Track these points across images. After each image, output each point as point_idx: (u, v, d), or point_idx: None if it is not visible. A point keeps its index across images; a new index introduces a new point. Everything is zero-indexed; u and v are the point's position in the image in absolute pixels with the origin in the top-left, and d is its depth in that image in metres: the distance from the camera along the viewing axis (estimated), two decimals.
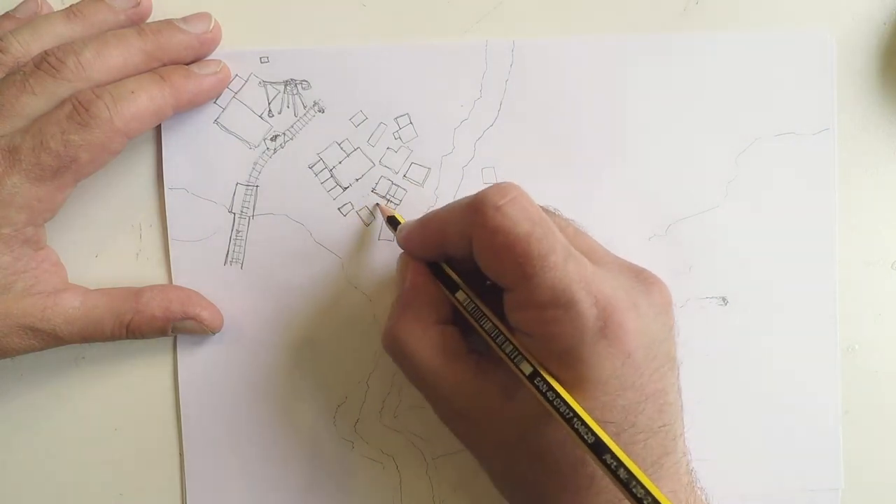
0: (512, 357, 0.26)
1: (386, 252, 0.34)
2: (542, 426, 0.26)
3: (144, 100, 0.29)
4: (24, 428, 0.34)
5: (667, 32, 0.35)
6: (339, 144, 0.34)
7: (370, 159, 0.34)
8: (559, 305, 0.25)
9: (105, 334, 0.31)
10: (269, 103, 0.34)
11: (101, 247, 0.34)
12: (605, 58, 0.34)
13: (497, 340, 0.27)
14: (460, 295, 0.28)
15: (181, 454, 0.34)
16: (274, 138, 0.34)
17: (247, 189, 0.34)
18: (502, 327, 0.27)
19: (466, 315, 0.28)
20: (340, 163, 0.34)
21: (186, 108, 0.32)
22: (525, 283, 0.25)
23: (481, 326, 0.28)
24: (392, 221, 0.32)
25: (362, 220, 0.34)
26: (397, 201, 0.34)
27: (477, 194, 0.26)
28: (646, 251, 0.34)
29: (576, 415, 0.24)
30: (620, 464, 0.23)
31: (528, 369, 0.26)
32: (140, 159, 0.34)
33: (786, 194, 0.35)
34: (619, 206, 0.34)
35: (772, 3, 0.35)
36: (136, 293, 0.32)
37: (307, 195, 0.34)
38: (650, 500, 0.22)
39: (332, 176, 0.34)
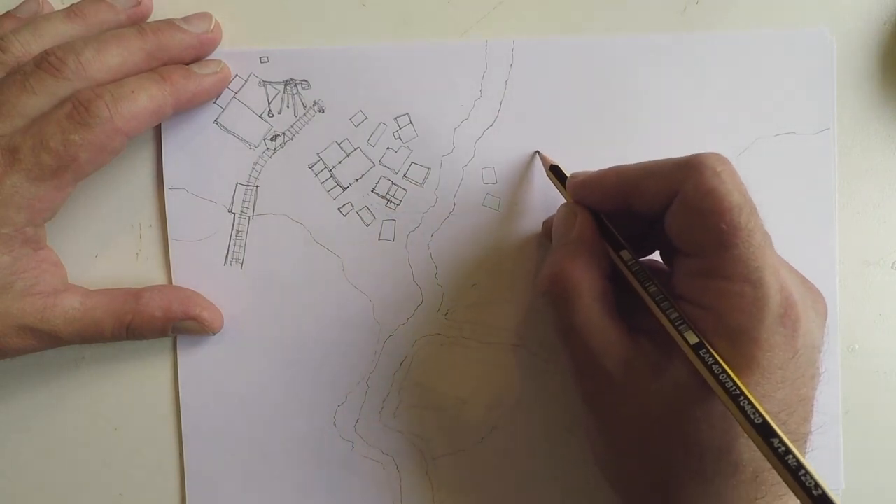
0: (677, 325, 0.25)
1: (386, 252, 0.34)
2: (692, 404, 0.25)
3: (144, 99, 0.29)
4: (24, 428, 0.34)
5: (667, 32, 0.35)
6: (339, 144, 0.34)
7: (370, 159, 0.34)
8: (749, 282, 0.24)
9: (105, 335, 0.31)
10: (269, 103, 0.34)
11: (101, 247, 0.34)
12: (606, 58, 0.34)
13: (662, 305, 0.26)
14: (625, 254, 0.28)
15: (181, 454, 0.34)
16: (274, 138, 0.34)
17: (247, 189, 0.34)
18: (667, 293, 0.27)
19: (629, 276, 0.28)
20: (340, 163, 0.34)
21: (186, 107, 0.32)
22: (721, 251, 0.25)
23: (645, 289, 0.27)
24: (555, 171, 0.32)
25: (362, 220, 0.34)
26: (397, 201, 0.34)
27: (690, 156, 0.26)
28: None
29: (742, 393, 0.23)
30: (789, 450, 0.22)
31: (693, 339, 0.25)
32: (140, 159, 0.34)
33: (786, 194, 0.35)
34: None
35: (772, 3, 0.35)
36: (136, 294, 0.32)
37: (307, 195, 0.34)
38: (820, 491, 0.21)
39: (332, 176, 0.34)
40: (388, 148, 0.34)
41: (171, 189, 0.34)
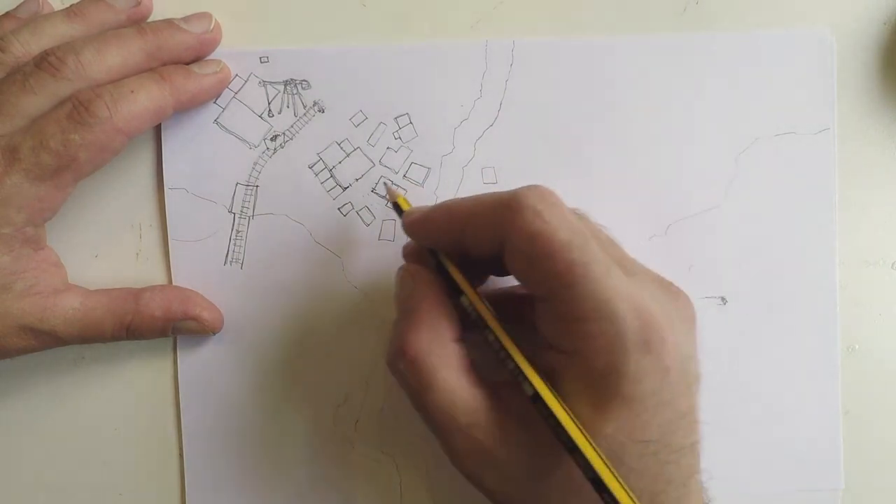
0: (516, 376, 0.24)
1: (386, 252, 0.34)
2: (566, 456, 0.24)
3: (144, 99, 0.29)
4: (24, 428, 0.34)
5: (667, 32, 0.35)
6: (339, 144, 0.34)
7: (370, 159, 0.34)
8: (601, 318, 0.23)
9: (105, 335, 0.31)
10: (269, 103, 0.34)
11: (101, 247, 0.34)
12: (606, 58, 0.34)
13: (500, 355, 0.25)
14: (465, 300, 0.26)
15: (181, 454, 0.34)
16: (274, 138, 0.34)
17: (247, 189, 0.34)
18: (506, 339, 0.25)
19: (478, 322, 0.26)
20: (340, 163, 0.34)
21: (186, 107, 0.32)
22: (564, 293, 0.24)
23: (485, 337, 0.25)
24: (397, 207, 0.30)
25: (362, 220, 0.34)
26: None
27: (511, 194, 0.24)
28: (646, 251, 0.34)
29: (576, 446, 0.22)
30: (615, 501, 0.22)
31: (529, 391, 0.24)
32: (140, 159, 0.34)
33: (786, 194, 0.35)
34: (619, 206, 0.34)
35: (772, 3, 0.35)
36: (136, 294, 0.32)
37: (307, 195, 0.34)
38: None
39: (332, 176, 0.34)
40: (388, 148, 0.34)
41: (171, 189, 0.34)
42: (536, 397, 0.24)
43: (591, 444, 0.23)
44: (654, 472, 0.24)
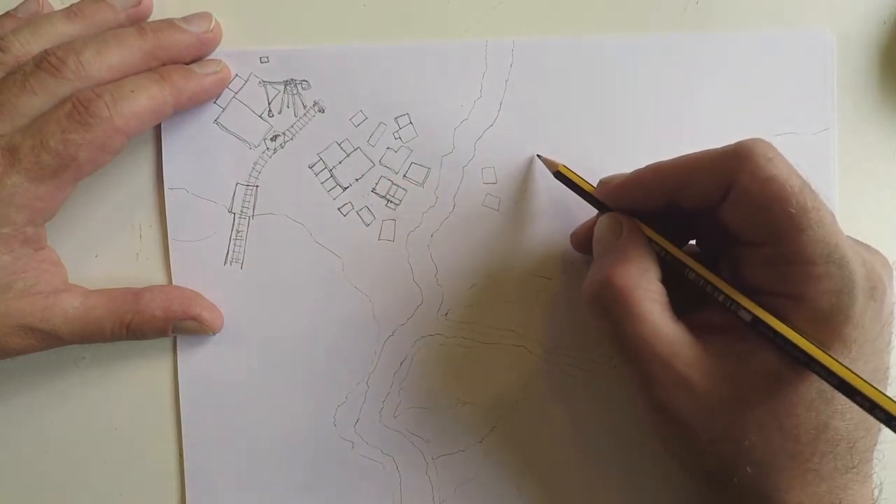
0: (728, 306, 0.26)
1: (386, 252, 0.34)
2: (785, 389, 0.25)
3: (144, 99, 0.29)
4: (24, 428, 0.34)
5: (667, 32, 0.35)
6: (339, 144, 0.34)
7: (370, 159, 0.34)
8: (831, 262, 0.24)
9: (105, 335, 0.31)
10: (269, 103, 0.34)
11: (101, 247, 0.34)
12: (606, 58, 0.34)
13: (707, 289, 0.26)
14: (691, 261, 0.27)
15: (181, 454, 0.34)
16: (274, 138, 0.34)
17: (247, 189, 0.34)
18: (713, 276, 0.27)
19: (695, 269, 0.27)
20: (340, 163, 0.34)
21: (186, 107, 0.32)
22: (795, 236, 0.24)
23: (687, 277, 0.27)
24: (562, 175, 0.32)
25: (362, 220, 0.34)
26: (397, 201, 0.34)
27: (737, 145, 0.26)
28: None
29: (811, 357, 0.23)
30: (875, 404, 0.22)
31: (747, 316, 0.25)
32: (140, 159, 0.34)
33: None
34: None
35: (772, 3, 0.35)
36: (137, 293, 0.32)
37: (307, 195, 0.34)
38: None
39: (332, 176, 0.34)
40: (388, 148, 0.34)
41: (171, 189, 0.34)
42: (756, 321, 0.25)
43: (826, 352, 0.24)
44: (858, 418, 0.25)
